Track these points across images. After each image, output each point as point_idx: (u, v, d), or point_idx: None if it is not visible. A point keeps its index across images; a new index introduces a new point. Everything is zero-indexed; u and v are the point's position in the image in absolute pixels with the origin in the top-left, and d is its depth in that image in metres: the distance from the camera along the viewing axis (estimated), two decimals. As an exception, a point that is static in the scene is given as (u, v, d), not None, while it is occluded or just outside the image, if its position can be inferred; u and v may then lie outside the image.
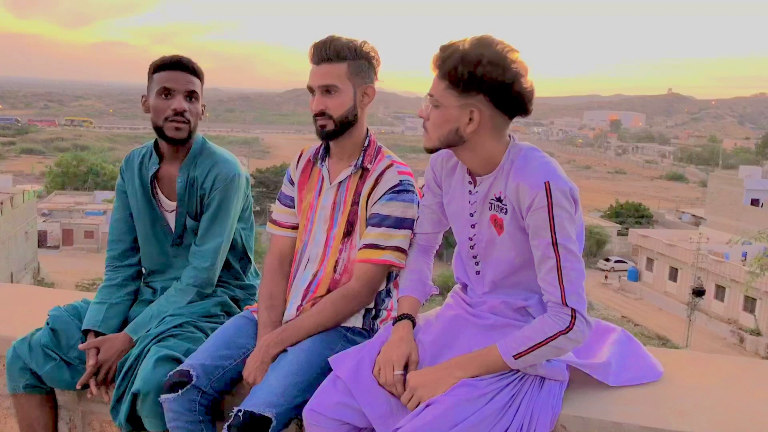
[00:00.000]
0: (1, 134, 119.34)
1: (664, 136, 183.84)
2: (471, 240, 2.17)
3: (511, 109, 1.99)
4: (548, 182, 1.92)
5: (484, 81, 1.92)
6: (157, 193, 2.69)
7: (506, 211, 2.04)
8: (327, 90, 2.30)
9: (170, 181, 2.66)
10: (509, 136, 2.08)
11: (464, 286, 2.31)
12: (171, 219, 2.69)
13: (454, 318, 2.20)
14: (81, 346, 2.47)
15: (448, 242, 2.34)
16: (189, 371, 2.20)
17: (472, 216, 2.14)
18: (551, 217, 1.92)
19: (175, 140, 2.56)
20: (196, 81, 2.58)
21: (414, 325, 2.21)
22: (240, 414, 2.04)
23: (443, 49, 1.98)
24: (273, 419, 2.03)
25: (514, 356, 1.96)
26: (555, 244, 1.94)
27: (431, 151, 2.11)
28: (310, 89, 2.34)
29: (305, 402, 2.10)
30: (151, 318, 2.51)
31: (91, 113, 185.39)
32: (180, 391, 2.16)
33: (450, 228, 2.33)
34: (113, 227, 2.76)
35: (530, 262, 2.04)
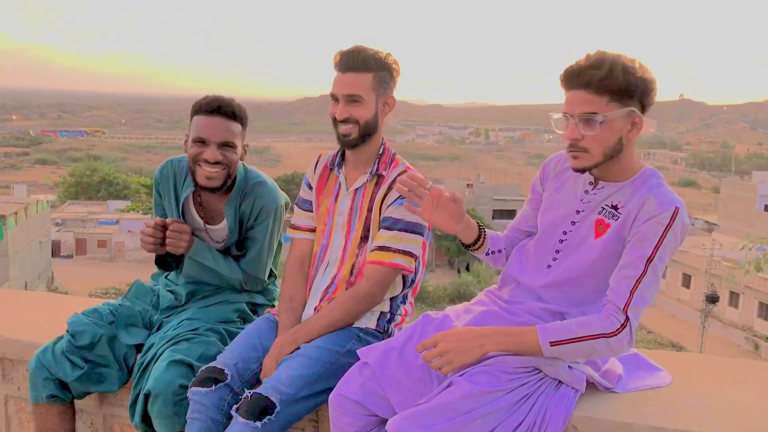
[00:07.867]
0: (15, 144, 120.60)
1: (676, 142, 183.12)
2: (564, 234, 2.19)
3: (647, 108, 2.05)
4: (678, 208, 1.98)
5: (643, 83, 1.98)
6: (193, 216, 2.69)
7: (617, 219, 2.08)
8: (353, 99, 2.35)
9: (211, 206, 2.69)
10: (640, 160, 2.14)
11: (501, 287, 2.34)
12: (211, 242, 2.72)
13: (486, 312, 2.24)
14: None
15: (459, 249, 2.36)
16: (224, 370, 2.26)
17: (578, 213, 2.17)
18: (662, 237, 1.97)
19: (204, 188, 2.55)
20: (235, 126, 2.54)
21: (484, 230, 2.31)
22: (248, 397, 2.12)
23: (589, 66, 1.96)
24: (277, 404, 2.10)
25: (550, 342, 1.98)
26: (650, 259, 1.98)
27: (586, 170, 2.08)
28: (334, 96, 2.39)
29: (311, 395, 2.19)
30: (211, 257, 2.62)
31: (104, 123, 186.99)
32: (213, 387, 2.22)
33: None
34: None
35: (602, 272, 2.09)
